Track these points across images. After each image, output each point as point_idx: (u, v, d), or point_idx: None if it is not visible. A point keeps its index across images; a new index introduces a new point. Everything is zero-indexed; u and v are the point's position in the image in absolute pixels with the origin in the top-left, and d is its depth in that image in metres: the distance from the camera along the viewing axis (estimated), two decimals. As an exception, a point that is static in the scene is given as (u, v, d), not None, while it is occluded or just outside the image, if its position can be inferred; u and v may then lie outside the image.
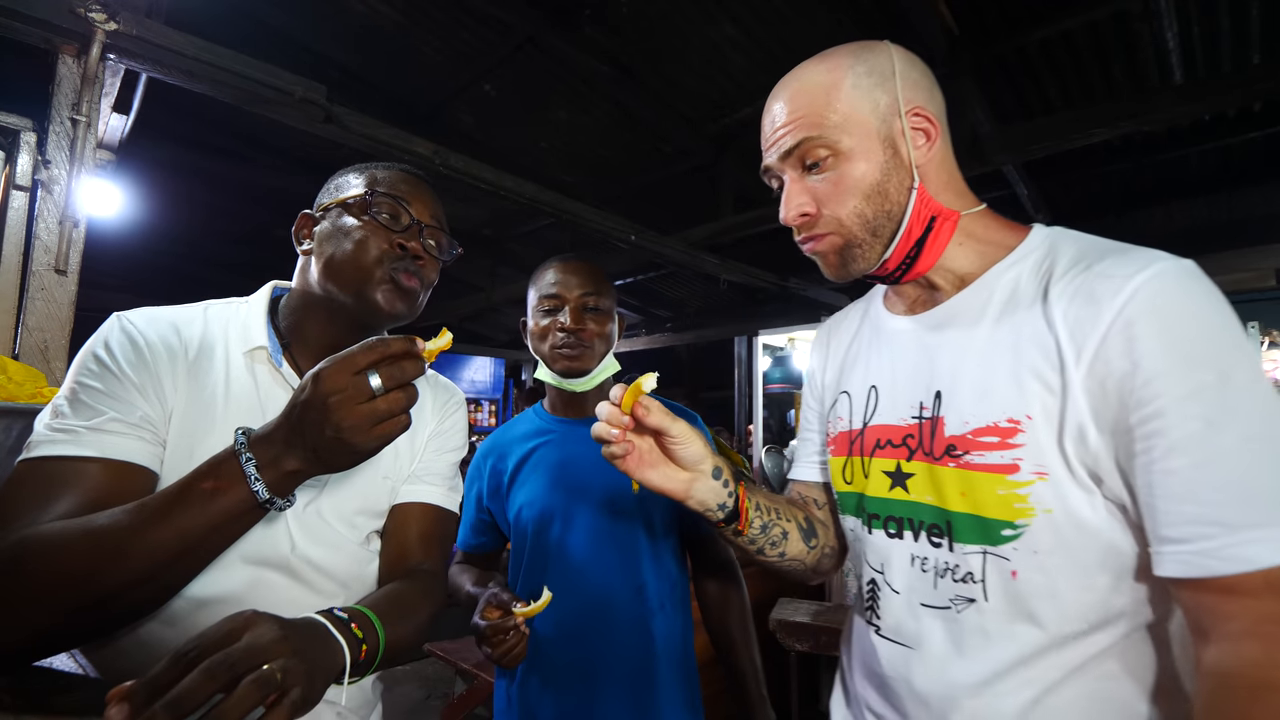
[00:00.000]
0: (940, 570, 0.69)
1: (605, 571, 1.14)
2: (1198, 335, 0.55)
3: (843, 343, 0.91)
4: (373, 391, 0.59)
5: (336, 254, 0.82)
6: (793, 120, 0.72)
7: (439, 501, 0.93)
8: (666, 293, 7.66)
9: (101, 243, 3.62)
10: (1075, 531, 0.61)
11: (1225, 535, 0.52)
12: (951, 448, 0.68)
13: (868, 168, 0.70)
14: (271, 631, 0.51)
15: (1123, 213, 5.04)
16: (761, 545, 0.83)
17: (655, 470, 0.76)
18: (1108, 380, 0.58)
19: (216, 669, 0.46)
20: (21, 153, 1.89)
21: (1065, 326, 0.61)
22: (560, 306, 1.21)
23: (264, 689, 0.47)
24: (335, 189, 0.87)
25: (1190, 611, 0.56)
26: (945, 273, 0.74)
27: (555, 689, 1.11)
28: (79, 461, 0.65)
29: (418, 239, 0.85)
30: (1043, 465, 0.61)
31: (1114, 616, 0.61)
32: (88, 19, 1.87)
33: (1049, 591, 0.62)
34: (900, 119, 0.71)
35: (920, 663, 0.70)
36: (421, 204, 0.87)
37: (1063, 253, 0.66)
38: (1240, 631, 0.52)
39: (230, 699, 0.45)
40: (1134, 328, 0.56)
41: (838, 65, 0.72)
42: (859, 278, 0.76)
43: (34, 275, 1.82)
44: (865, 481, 0.78)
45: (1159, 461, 0.55)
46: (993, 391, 0.65)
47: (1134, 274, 0.58)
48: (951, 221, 0.73)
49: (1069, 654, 0.62)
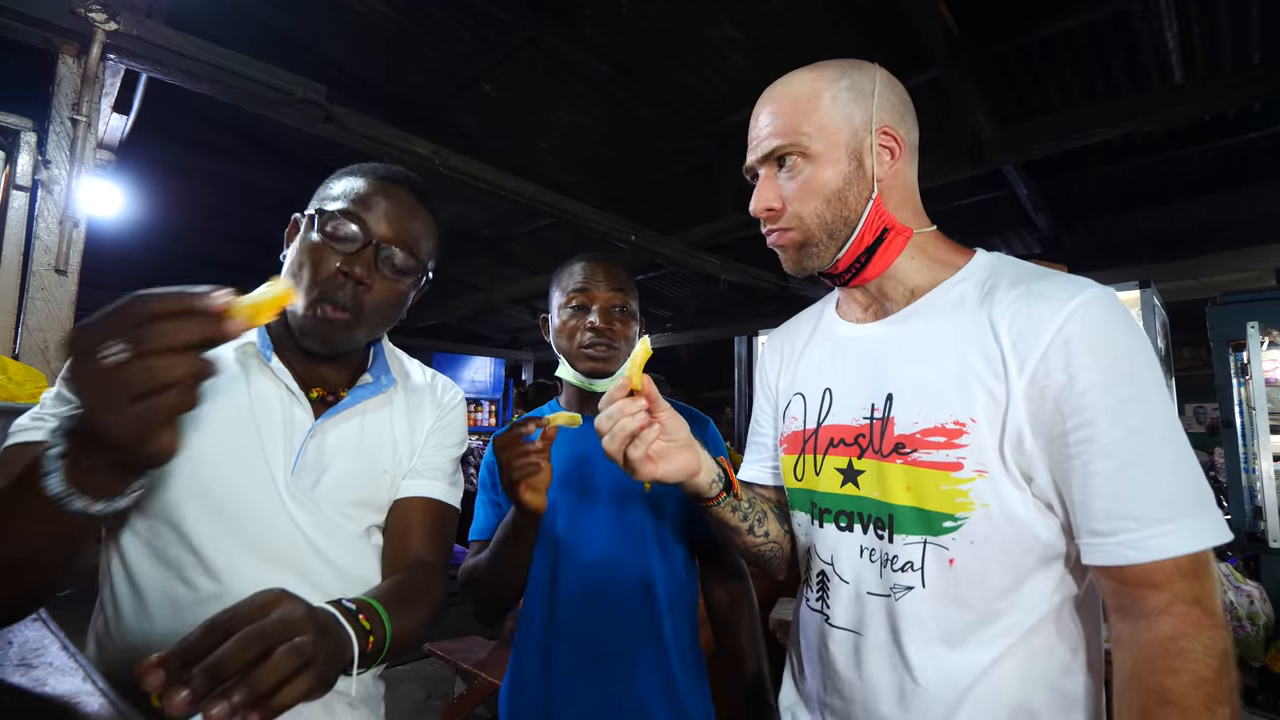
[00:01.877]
0: (882, 560, 0.75)
1: (614, 569, 1.13)
2: (1121, 354, 0.64)
3: (796, 348, 0.96)
4: (116, 358, 0.45)
5: (290, 269, 0.83)
6: (774, 125, 0.79)
7: (440, 496, 0.93)
8: (666, 293, 7.67)
9: (101, 243, 3.62)
10: (1007, 524, 0.68)
11: (1142, 529, 0.61)
12: (900, 445, 0.74)
13: (832, 174, 0.77)
14: (300, 609, 0.53)
15: (1123, 213, 5.04)
16: (751, 522, 0.88)
17: (669, 460, 0.79)
18: (1048, 389, 0.65)
19: (251, 638, 0.47)
20: (21, 153, 1.90)
21: (1009, 339, 0.68)
22: (589, 305, 1.19)
23: (298, 658, 0.49)
24: (315, 197, 0.87)
25: (1112, 594, 0.66)
26: (897, 284, 0.81)
27: (568, 685, 1.11)
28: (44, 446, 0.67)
29: (370, 262, 0.82)
30: (983, 464, 0.68)
31: (1036, 598, 0.70)
32: (88, 19, 1.88)
33: (981, 577, 0.69)
34: (870, 135, 0.77)
35: (867, 648, 0.76)
36: (387, 221, 0.83)
37: (1003, 275, 0.74)
38: (1155, 610, 0.61)
39: (266, 666, 0.47)
40: (1071, 345, 0.64)
41: (822, 77, 0.79)
42: (812, 274, 0.84)
43: (34, 275, 1.83)
44: (816, 478, 0.84)
45: (1090, 464, 0.63)
46: (941, 395, 0.72)
47: (1070, 298, 0.66)
48: (904, 236, 0.80)
49: (1000, 633, 0.69)
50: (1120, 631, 0.64)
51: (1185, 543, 0.60)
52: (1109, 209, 5.01)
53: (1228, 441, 2.92)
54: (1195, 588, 0.61)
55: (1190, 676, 0.58)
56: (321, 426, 0.84)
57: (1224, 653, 0.59)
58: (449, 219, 5.95)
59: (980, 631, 0.70)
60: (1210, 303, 2.96)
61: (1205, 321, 2.96)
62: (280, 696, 0.48)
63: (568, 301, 1.20)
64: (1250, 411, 2.83)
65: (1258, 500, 2.78)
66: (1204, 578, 0.61)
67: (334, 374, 0.90)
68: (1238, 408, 2.91)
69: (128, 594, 0.77)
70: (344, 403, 0.87)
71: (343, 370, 0.91)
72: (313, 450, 0.83)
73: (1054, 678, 0.70)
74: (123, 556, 0.78)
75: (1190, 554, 0.60)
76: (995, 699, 0.69)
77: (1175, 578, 0.61)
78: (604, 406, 0.77)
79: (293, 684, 0.48)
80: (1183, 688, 0.58)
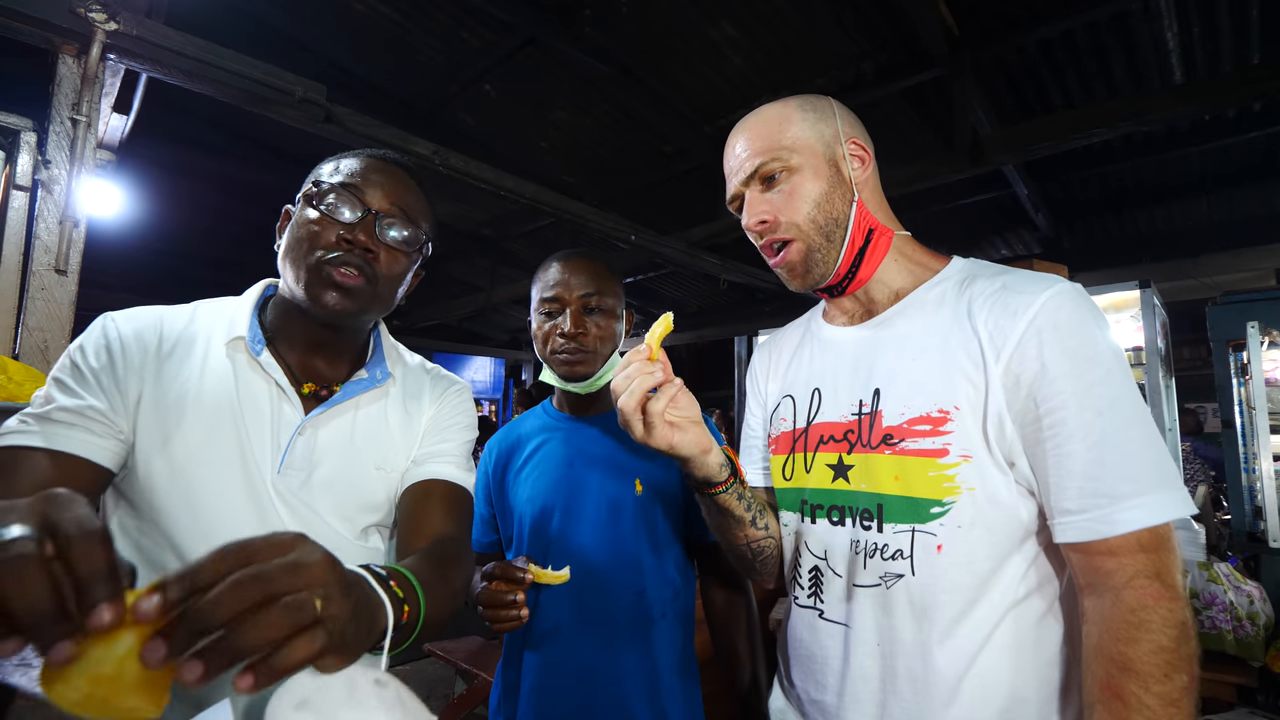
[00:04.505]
0: (870, 551, 0.77)
1: (603, 572, 1.12)
2: (1088, 341, 0.69)
3: (785, 354, 1.00)
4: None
5: (287, 249, 0.81)
6: (752, 149, 0.84)
7: (456, 479, 0.89)
8: (666, 293, 7.67)
9: (101, 243, 3.62)
10: (991, 507, 0.72)
11: (1110, 505, 0.64)
12: (888, 437, 0.77)
13: (816, 181, 0.82)
14: (319, 554, 0.43)
15: (1122, 212, 5.05)
16: (754, 513, 0.90)
17: (685, 431, 0.79)
18: (1022, 376, 0.70)
19: (247, 583, 0.38)
20: (21, 153, 1.90)
21: (986, 332, 0.73)
22: (561, 309, 1.17)
23: (296, 616, 0.39)
24: (306, 182, 0.85)
25: (1080, 571, 0.69)
26: (883, 287, 0.86)
27: (553, 693, 1.10)
28: (28, 451, 0.68)
29: (371, 230, 0.80)
30: (968, 449, 0.72)
31: (1018, 580, 0.72)
32: (88, 19, 1.88)
33: (967, 561, 0.72)
34: (841, 145, 0.84)
35: (858, 640, 0.77)
36: (382, 191, 0.82)
37: (979, 276, 0.79)
38: (1120, 584, 0.65)
39: (260, 619, 0.38)
40: (1043, 335, 0.69)
41: (787, 105, 0.86)
42: (815, 288, 0.87)
43: (34, 275, 1.83)
44: (806, 475, 0.86)
45: (1062, 446, 0.67)
46: (925, 386, 0.75)
47: (1040, 292, 0.71)
48: (887, 237, 0.85)
49: (986, 617, 0.72)
50: (1087, 607, 0.68)
51: (1151, 515, 0.64)
52: (1109, 209, 5.01)
53: (1228, 441, 2.92)
54: (1155, 562, 0.64)
55: (1149, 645, 0.62)
56: (312, 423, 0.82)
57: (1182, 623, 0.63)
58: (449, 219, 5.95)
59: (968, 617, 0.72)
60: (1210, 303, 2.96)
61: (1205, 321, 2.96)
62: (278, 659, 0.39)
63: (541, 306, 1.18)
64: (1250, 411, 2.83)
65: (1258, 500, 2.79)
66: (1164, 552, 0.65)
67: (329, 368, 0.87)
68: (1238, 408, 2.91)
69: None
70: (336, 398, 0.84)
71: (339, 364, 0.88)
72: (301, 447, 0.80)
73: (1042, 665, 0.72)
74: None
75: (1150, 528, 0.64)
76: (987, 688, 0.70)
77: (1137, 552, 0.64)
78: (621, 369, 0.78)
79: (295, 645, 0.39)
80: (1142, 656, 0.61)
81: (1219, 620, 2.38)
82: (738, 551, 0.93)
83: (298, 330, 0.85)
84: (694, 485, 0.86)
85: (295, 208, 0.84)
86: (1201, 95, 2.78)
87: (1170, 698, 0.60)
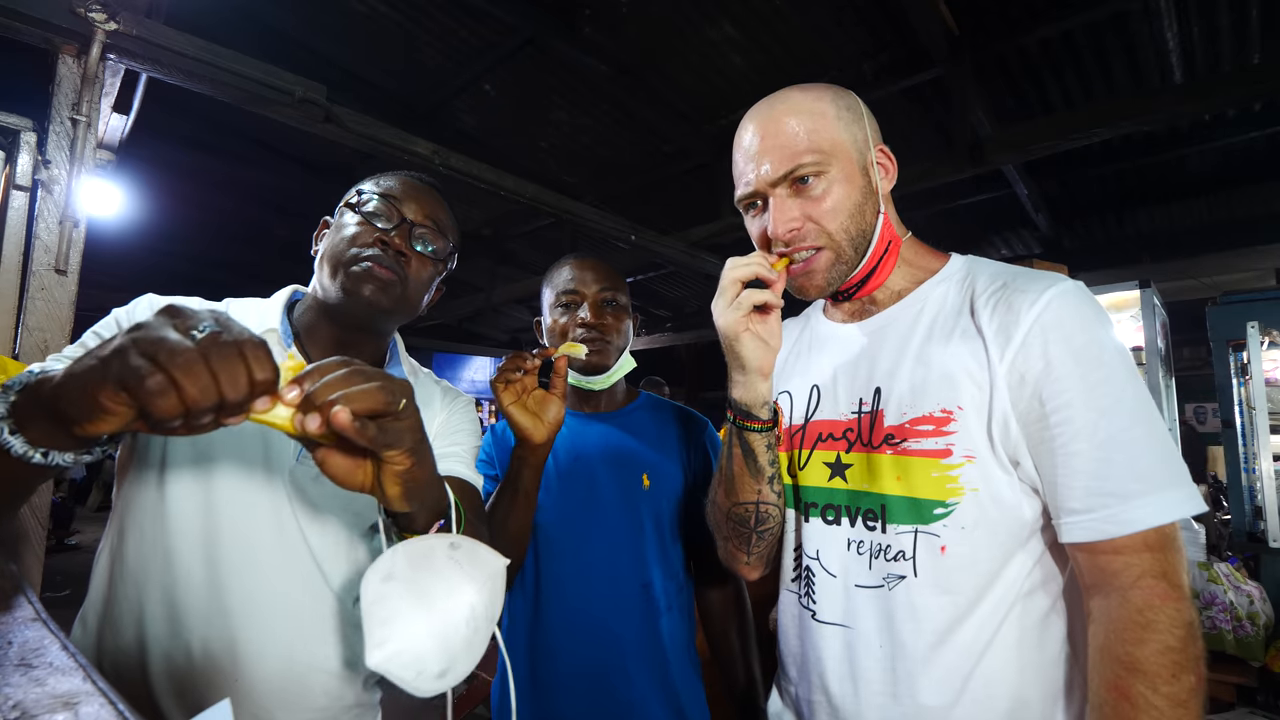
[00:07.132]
0: (874, 551, 0.76)
1: (612, 566, 1.13)
2: (1093, 340, 0.68)
3: (783, 351, 0.96)
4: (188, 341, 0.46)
5: (328, 248, 0.87)
6: (784, 146, 0.78)
7: (467, 477, 0.91)
8: (666, 293, 7.67)
9: (101, 243, 3.62)
10: (995, 507, 0.71)
11: (1118, 504, 0.63)
12: (890, 437, 0.75)
13: (852, 190, 0.79)
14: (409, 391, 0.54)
15: (1122, 212, 5.05)
16: (774, 471, 0.86)
17: (759, 344, 0.80)
18: (1027, 374, 0.69)
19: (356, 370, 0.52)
20: (21, 153, 1.89)
21: (990, 330, 0.72)
22: (579, 302, 1.20)
23: (391, 397, 0.51)
24: (345, 197, 0.93)
25: (1086, 571, 0.68)
26: (885, 289, 0.85)
27: (563, 689, 1.10)
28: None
29: (406, 236, 0.88)
30: (971, 449, 0.71)
31: (1022, 579, 0.71)
32: (88, 19, 1.88)
33: (971, 562, 0.71)
34: (871, 152, 0.81)
35: (859, 641, 0.76)
36: (417, 205, 0.90)
37: (981, 274, 0.78)
38: (1125, 585, 0.64)
39: (361, 384, 0.50)
40: (1047, 333, 0.68)
41: (822, 98, 0.80)
42: (827, 294, 0.84)
43: (34, 275, 1.82)
44: (801, 473, 0.85)
45: (1069, 445, 0.66)
46: (928, 385, 0.74)
47: (1044, 290, 0.70)
48: (898, 244, 0.84)
49: (988, 618, 0.71)
50: (1093, 608, 0.67)
51: (1160, 514, 0.63)
52: (1109, 209, 5.01)
53: (1228, 441, 2.92)
54: (1162, 562, 0.63)
55: (1157, 645, 0.61)
56: None
57: (1189, 624, 0.62)
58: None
59: (971, 617, 0.71)
60: (1210, 303, 2.96)
61: (1205, 321, 2.96)
62: (357, 399, 0.49)
63: (558, 300, 1.22)
64: (1250, 411, 2.83)
65: (1258, 500, 2.79)
66: (1170, 552, 0.64)
67: None
68: (1238, 408, 2.91)
69: (122, 576, 0.78)
70: None
71: None
72: None
73: (1045, 664, 0.71)
74: (122, 537, 0.79)
75: (1156, 528, 0.63)
76: (991, 689, 0.70)
77: (1143, 551, 0.63)
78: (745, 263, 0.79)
79: (373, 393, 0.50)
80: (1150, 656, 0.61)
81: (1219, 620, 2.38)
82: (742, 513, 0.87)
83: (325, 331, 0.90)
84: (735, 412, 0.84)
85: (334, 218, 0.92)
86: (1201, 95, 2.78)
87: (1178, 698, 0.59)
